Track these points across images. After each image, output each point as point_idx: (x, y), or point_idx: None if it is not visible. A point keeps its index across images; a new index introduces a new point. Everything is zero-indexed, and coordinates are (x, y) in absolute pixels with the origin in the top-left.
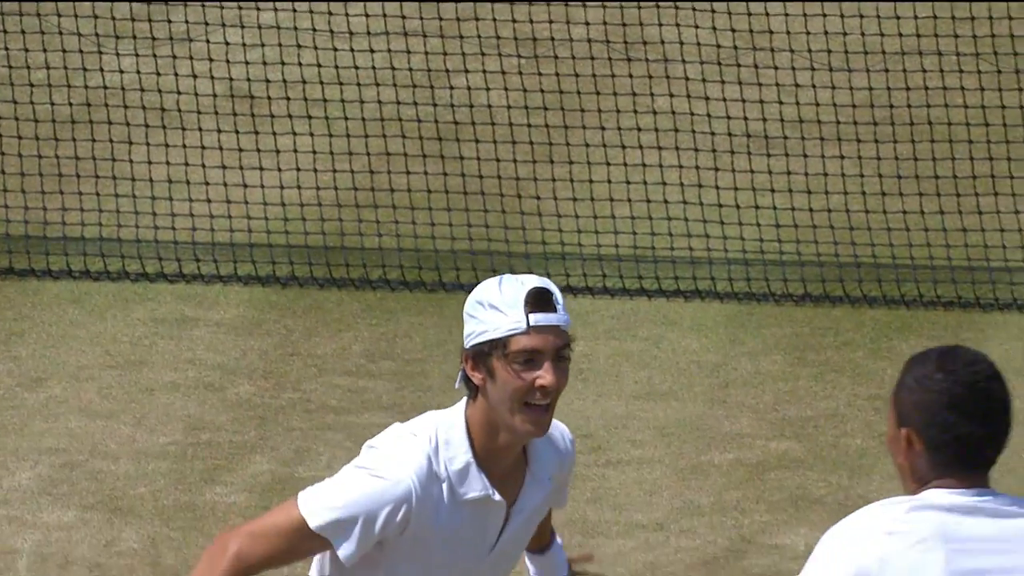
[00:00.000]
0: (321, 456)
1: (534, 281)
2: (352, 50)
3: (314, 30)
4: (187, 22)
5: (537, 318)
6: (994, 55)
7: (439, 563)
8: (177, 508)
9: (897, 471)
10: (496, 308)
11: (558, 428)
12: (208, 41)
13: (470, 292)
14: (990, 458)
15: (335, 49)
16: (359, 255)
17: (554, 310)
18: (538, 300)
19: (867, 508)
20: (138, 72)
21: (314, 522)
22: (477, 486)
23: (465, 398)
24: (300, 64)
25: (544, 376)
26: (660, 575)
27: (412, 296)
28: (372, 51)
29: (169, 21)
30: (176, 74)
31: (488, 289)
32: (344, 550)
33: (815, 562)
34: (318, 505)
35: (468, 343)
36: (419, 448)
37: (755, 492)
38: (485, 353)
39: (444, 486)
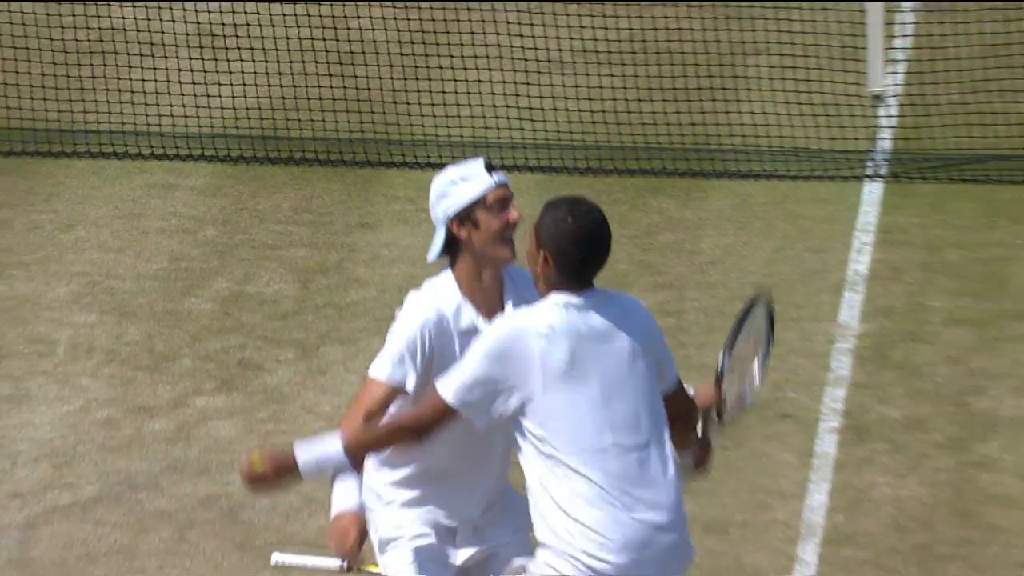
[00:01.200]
0: (263, 278)
1: (478, 158)
2: (280, 2)
3: None
4: None
5: (496, 177)
6: (712, 5)
7: None
8: (165, 313)
9: (532, 276)
10: (467, 179)
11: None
12: None
13: (363, 166)
14: (595, 274)
15: (269, 1)
16: (287, 142)
17: (499, 171)
18: (491, 166)
19: (517, 312)
20: (135, 18)
21: (380, 376)
22: (469, 317)
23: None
24: (245, 12)
25: (513, 213)
26: None
27: (323, 170)
28: (294, 2)
29: None
30: (160, 19)
31: (451, 173)
32: (409, 385)
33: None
34: (379, 364)
35: (452, 211)
36: (425, 301)
37: None
38: (468, 211)
39: (449, 323)
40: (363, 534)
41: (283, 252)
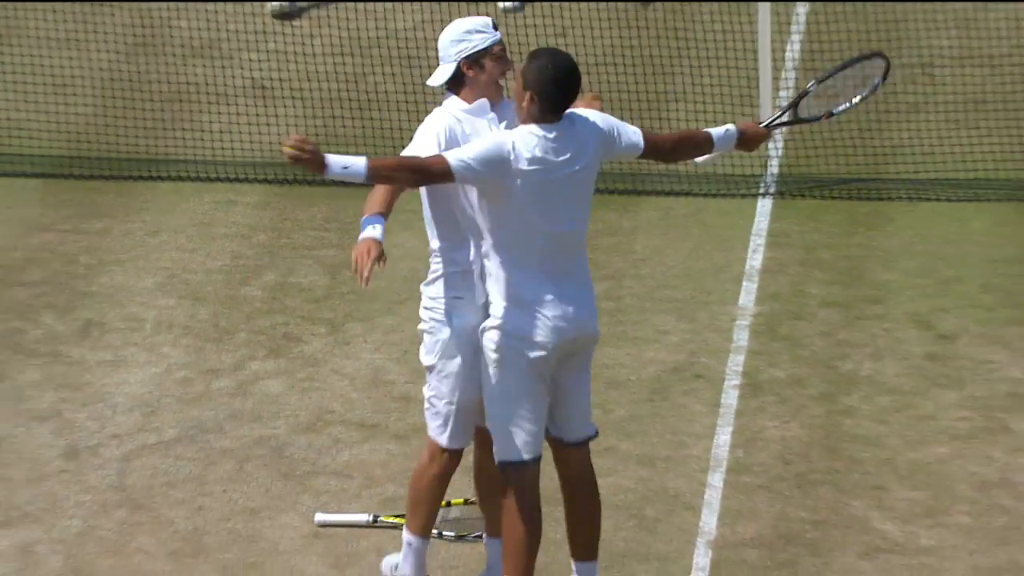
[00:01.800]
0: (301, 271)
1: (486, 17)
2: (315, 63)
3: (294, 52)
4: (231, 47)
5: (498, 33)
6: (643, 64)
7: None
8: (227, 298)
9: (517, 109)
10: (480, 31)
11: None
12: (241, 59)
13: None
14: (567, 108)
15: (305, 62)
16: None
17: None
18: (495, 24)
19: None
20: (204, 74)
21: (412, 150)
22: (482, 109)
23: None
24: (288, 70)
25: (509, 62)
26: None
27: (347, 188)
28: (324, 64)
29: (219, 49)
30: (224, 75)
31: (465, 24)
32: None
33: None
34: (412, 149)
35: (465, 54)
36: (438, 111)
37: None
38: (478, 56)
39: (459, 117)
40: (381, 256)
41: (317, 251)
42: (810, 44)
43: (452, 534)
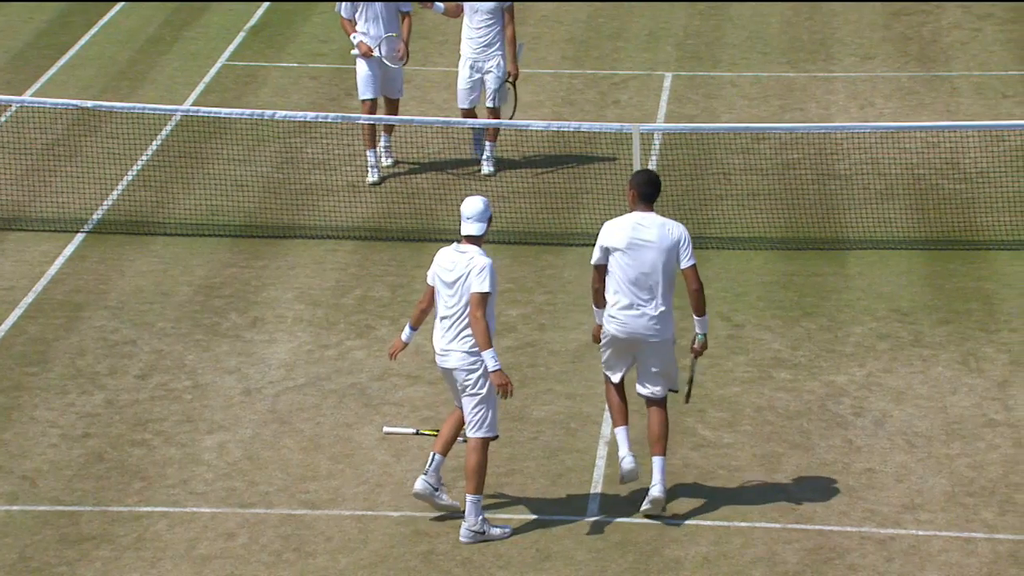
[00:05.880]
0: (376, 289)
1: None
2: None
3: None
4: (336, 162)
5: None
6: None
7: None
8: (333, 305)
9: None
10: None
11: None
12: (342, 169)
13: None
14: (653, 200)
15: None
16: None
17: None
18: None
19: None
20: (321, 178)
21: (486, 288)
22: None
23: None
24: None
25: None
26: None
27: (410, 243)
28: (386, 173)
29: (329, 163)
30: (331, 178)
31: (486, 201)
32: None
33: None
34: (484, 285)
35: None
36: (485, 257)
37: None
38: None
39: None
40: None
41: (383, 279)
42: (663, 160)
43: (462, 440)
